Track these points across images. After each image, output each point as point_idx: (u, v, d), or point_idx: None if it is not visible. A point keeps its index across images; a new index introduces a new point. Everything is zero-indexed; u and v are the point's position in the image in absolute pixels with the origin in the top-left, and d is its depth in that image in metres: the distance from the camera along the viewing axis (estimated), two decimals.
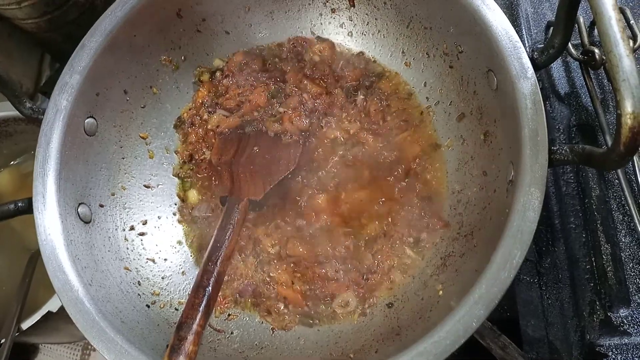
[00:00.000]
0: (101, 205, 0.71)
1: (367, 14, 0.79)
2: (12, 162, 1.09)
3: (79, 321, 0.57)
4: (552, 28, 0.79)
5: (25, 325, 0.85)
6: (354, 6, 0.79)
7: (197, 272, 0.73)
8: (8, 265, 1.05)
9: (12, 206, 0.63)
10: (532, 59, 0.58)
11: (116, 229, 0.72)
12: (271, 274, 0.72)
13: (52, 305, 0.86)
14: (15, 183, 1.09)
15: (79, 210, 0.66)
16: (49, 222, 0.61)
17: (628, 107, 0.42)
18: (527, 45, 0.79)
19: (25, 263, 0.96)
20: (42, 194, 0.62)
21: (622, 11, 0.76)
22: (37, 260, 0.96)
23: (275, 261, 0.72)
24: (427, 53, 0.76)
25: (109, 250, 0.69)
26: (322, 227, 0.73)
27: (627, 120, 0.42)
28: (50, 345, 1.02)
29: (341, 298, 0.69)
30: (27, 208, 0.63)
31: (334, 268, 0.70)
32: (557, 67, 0.76)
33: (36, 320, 0.85)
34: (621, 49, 0.43)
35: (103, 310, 0.58)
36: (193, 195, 0.79)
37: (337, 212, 0.74)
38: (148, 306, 0.67)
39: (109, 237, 0.70)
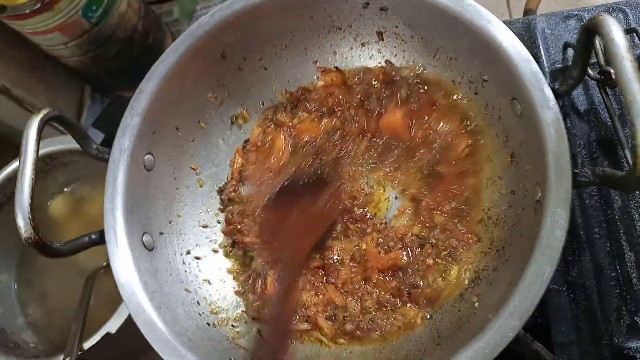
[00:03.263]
0: (161, 233, 0.78)
1: (395, 47, 0.85)
2: (65, 189, 1.18)
3: (153, 341, 0.63)
4: (569, 49, 0.84)
5: (86, 345, 0.91)
6: (382, 40, 0.85)
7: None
8: (63, 290, 1.13)
9: (86, 239, 0.70)
10: (553, 89, 0.63)
11: (175, 254, 0.79)
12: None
13: (111, 327, 0.92)
14: (68, 208, 1.18)
15: (143, 239, 0.73)
16: (121, 252, 0.68)
17: None
18: (546, 65, 0.83)
19: (80, 286, 1.02)
20: (113, 227, 0.69)
21: (635, 31, 0.80)
22: (94, 283, 1.04)
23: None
24: (453, 80, 0.81)
25: (170, 274, 0.75)
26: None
27: None
28: None
29: None
30: (100, 240, 0.70)
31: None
32: None
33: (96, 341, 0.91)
34: (634, 87, 0.48)
35: (173, 330, 0.64)
36: None
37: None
38: (208, 324, 0.74)
39: (169, 262, 0.77)
